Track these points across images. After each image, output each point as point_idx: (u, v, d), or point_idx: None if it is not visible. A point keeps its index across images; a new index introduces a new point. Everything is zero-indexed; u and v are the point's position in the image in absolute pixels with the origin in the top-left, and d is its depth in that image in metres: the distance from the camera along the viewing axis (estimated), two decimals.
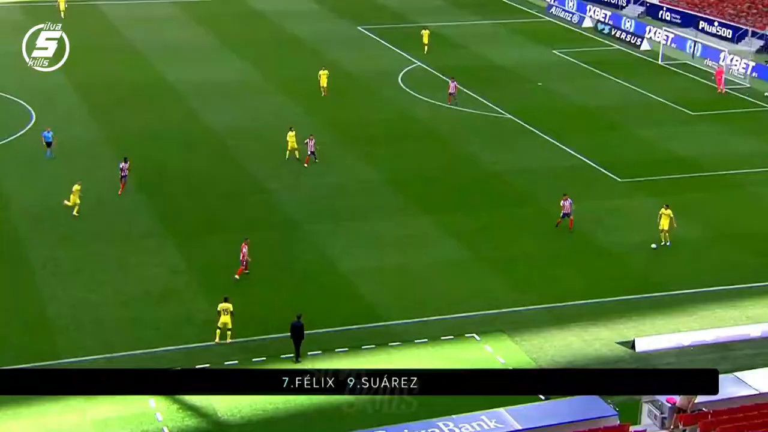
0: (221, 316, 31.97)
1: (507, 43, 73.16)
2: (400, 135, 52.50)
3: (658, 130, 54.56)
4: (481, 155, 49.93)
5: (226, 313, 31.94)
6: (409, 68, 65.00)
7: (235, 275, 35.72)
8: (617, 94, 61.45)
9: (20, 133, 50.56)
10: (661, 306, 35.64)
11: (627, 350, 32.66)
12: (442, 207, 43.52)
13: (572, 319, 34.44)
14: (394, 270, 37.72)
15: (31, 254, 37.99)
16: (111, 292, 35.38)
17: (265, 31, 74.83)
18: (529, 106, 57.66)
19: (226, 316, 31.93)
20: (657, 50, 70.42)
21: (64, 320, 33.42)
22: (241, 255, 36.07)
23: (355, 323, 33.62)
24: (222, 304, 32.14)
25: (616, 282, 37.35)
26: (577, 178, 47.36)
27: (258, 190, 44.61)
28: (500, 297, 35.86)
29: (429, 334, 33.19)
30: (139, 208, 42.55)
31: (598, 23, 78.58)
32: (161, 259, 37.93)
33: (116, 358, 31.28)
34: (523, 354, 32.20)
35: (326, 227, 41.10)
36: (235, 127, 52.99)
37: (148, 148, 49.72)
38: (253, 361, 31.27)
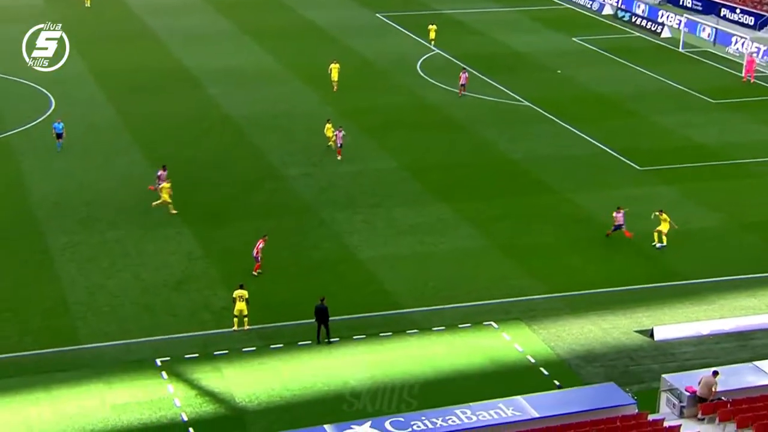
0: (237, 303, 32.05)
1: (526, 30, 72.78)
2: (417, 122, 52.37)
3: (678, 117, 54.19)
4: (499, 143, 49.75)
5: (242, 299, 32.02)
6: (428, 55, 64.78)
7: (253, 271, 35.58)
8: (637, 81, 61.04)
9: (39, 120, 50.77)
10: (680, 295, 35.45)
11: (645, 339, 32.52)
12: (459, 194, 43.42)
13: (590, 308, 34.32)
14: (412, 258, 37.68)
15: (50, 240, 38.18)
16: (129, 279, 35.52)
17: (283, 19, 74.76)
18: (547, 94, 57.38)
19: (242, 303, 32.01)
20: (678, 37, 69.89)
21: (83, 306, 33.59)
22: (255, 251, 35.56)
23: (373, 311, 33.62)
24: (237, 290, 32.22)
25: (634, 270, 37.16)
26: (596, 165, 47.13)
27: (276, 178, 44.63)
28: (518, 285, 35.76)
29: (446, 321, 33.15)
30: (157, 195, 42.56)
31: (618, 10, 78.04)
32: (179, 246, 38.04)
33: (134, 344, 31.43)
34: (540, 342, 32.12)
35: (344, 215, 41.10)
36: (254, 114, 53.02)
37: (166, 135, 49.86)
38: (271, 347, 31.34)
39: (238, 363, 30.53)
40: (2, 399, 28.50)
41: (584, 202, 42.76)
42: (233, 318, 32.26)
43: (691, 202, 43.25)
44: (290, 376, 29.94)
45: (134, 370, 29.99)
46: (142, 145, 48.10)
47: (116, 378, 29.54)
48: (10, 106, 52.98)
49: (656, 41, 71.04)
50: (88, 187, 43.19)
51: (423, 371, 30.40)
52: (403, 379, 29.87)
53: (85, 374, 29.73)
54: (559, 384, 29.37)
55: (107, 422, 27.64)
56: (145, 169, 45.12)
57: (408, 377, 30.00)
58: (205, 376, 29.82)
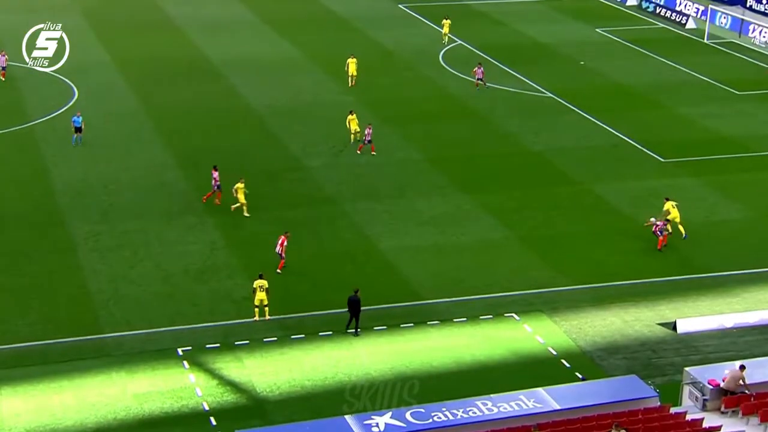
0: (257, 293, 32.15)
1: (549, 21, 72.42)
2: (439, 113, 52.27)
3: (703, 109, 53.81)
4: (522, 134, 49.58)
5: (262, 289, 32.11)
6: (451, 46, 64.60)
7: (277, 269, 35.39)
8: (661, 72, 60.65)
9: (63, 109, 51.06)
10: (703, 287, 35.25)
11: (668, 331, 32.37)
12: (481, 186, 43.33)
13: (612, 300, 34.20)
14: (433, 249, 37.66)
15: (72, 230, 38.43)
16: (151, 268, 35.70)
17: (305, 9, 74.73)
18: (570, 85, 57.12)
19: (262, 293, 32.11)
20: (703, 28, 69.34)
21: (105, 295, 33.80)
22: (279, 248, 35.15)
23: (394, 301, 33.65)
24: (257, 281, 32.32)
25: (657, 263, 36.98)
26: (619, 157, 46.90)
27: (297, 168, 44.70)
28: (539, 276, 35.67)
29: (468, 313, 33.12)
30: (179, 184, 42.84)
31: (643, 1, 77.49)
32: (200, 236, 38.19)
33: (156, 334, 31.60)
34: (562, 334, 32.04)
35: (365, 205, 41.11)
36: (275, 104, 53.08)
37: (188, 124, 50.03)
38: (292, 338, 31.44)
39: (259, 353, 30.65)
40: (26, 387, 28.76)
41: (607, 193, 42.57)
42: (254, 308, 32.37)
43: (715, 195, 42.97)
44: (311, 367, 30.02)
45: (156, 359, 30.16)
46: (163, 135, 48.29)
47: (138, 367, 29.73)
48: (33, 96, 53.31)
49: (681, 32, 70.51)
50: (110, 176, 43.41)
51: (444, 362, 30.40)
52: (423, 370, 29.89)
53: (107, 363, 29.94)
54: (582, 377, 29.30)
55: (129, 411, 27.83)
56: (166, 159, 45.32)
57: (429, 368, 30.02)
58: (227, 365, 29.95)
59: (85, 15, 69.90)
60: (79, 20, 67.73)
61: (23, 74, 55.59)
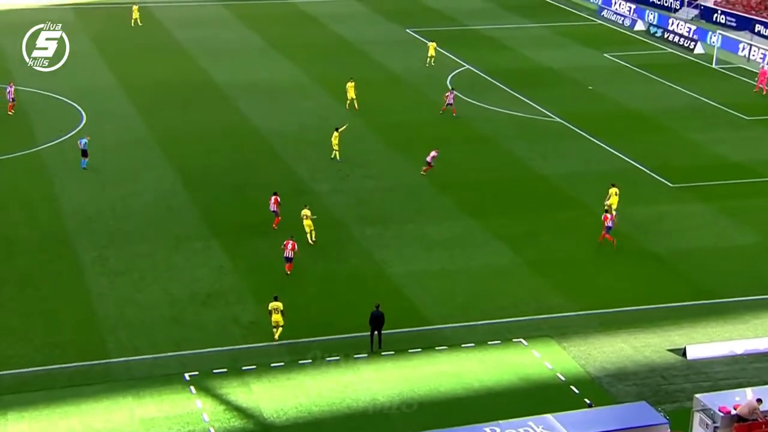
0: (272, 315, 32.30)
1: (556, 46, 72.78)
2: (447, 138, 52.43)
3: (711, 134, 53.93)
4: (530, 158, 49.71)
5: (277, 311, 32.28)
6: (458, 71, 64.93)
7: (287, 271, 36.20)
8: (669, 97, 60.83)
9: (71, 134, 51.35)
10: (713, 313, 35.21)
11: (678, 357, 32.31)
12: (489, 210, 43.42)
13: (621, 326, 34.17)
14: (441, 273, 37.71)
15: (80, 254, 38.57)
16: (158, 292, 35.80)
17: (312, 34, 75.23)
18: (578, 110, 57.32)
19: (277, 315, 32.28)
20: (711, 54, 69.58)
21: (112, 320, 33.88)
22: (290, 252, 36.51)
23: (402, 326, 33.64)
24: (272, 303, 32.51)
25: (665, 288, 36.96)
26: (627, 182, 46.91)
27: (306, 192, 44.83)
28: (547, 301, 35.68)
29: (476, 338, 33.12)
30: (187, 208, 43.01)
31: (651, 26, 77.86)
32: (208, 260, 38.31)
33: (163, 359, 31.64)
34: (571, 360, 32.01)
35: (373, 230, 41.21)
36: (283, 128, 53.33)
37: (195, 149, 50.27)
38: (300, 363, 31.45)
39: (267, 378, 30.67)
40: (32, 412, 28.78)
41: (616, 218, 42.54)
42: (272, 329, 32.51)
43: (724, 220, 43.00)
44: (318, 392, 30.02)
45: (163, 384, 30.19)
46: (171, 159, 48.53)
47: (145, 392, 29.75)
48: (42, 120, 53.64)
49: (689, 57, 70.78)
50: (118, 200, 43.62)
51: (452, 388, 30.38)
52: (431, 396, 29.86)
53: (113, 388, 29.97)
54: (590, 402, 29.25)
55: None
56: (174, 183, 45.53)
57: (437, 394, 30.00)
58: (234, 391, 29.97)
59: (93, 39, 70.44)
60: (87, 44, 68.26)
61: (32, 99, 56.02)
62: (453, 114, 55.40)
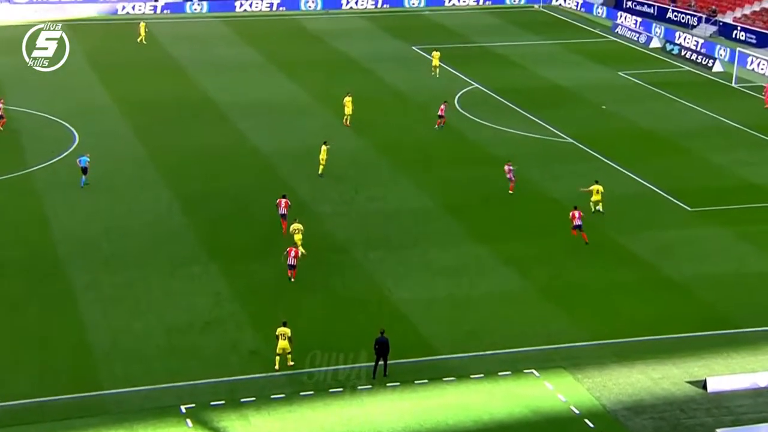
0: (279, 341, 32.25)
1: (569, 64, 73.01)
2: (455, 159, 52.53)
3: (731, 155, 53.91)
4: (541, 181, 49.71)
5: (284, 337, 32.24)
6: (467, 90, 65.11)
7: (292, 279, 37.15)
8: (687, 117, 60.91)
9: (63, 155, 51.49)
10: (735, 343, 35.05)
11: (698, 390, 32.13)
12: (498, 234, 43.38)
13: (637, 356, 34.01)
14: (448, 300, 37.63)
15: (72, 279, 38.56)
16: (154, 320, 35.73)
17: (314, 50, 75.57)
18: (592, 130, 57.40)
19: (284, 341, 32.21)
20: (730, 71, 69.71)
21: (106, 349, 33.80)
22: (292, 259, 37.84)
23: (407, 356, 33.51)
24: (280, 328, 32.46)
25: (684, 317, 36.82)
26: (643, 206, 46.94)
27: (307, 215, 44.78)
28: (560, 330, 35.55)
29: (485, 368, 32.99)
30: (184, 232, 43.03)
31: (667, 43, 78.07)
32: (206, 286, 38.26)
33: (158, 390, 31.53)
34: (585, 392, 31.86)
35: (377, 255, 41.16)
36: (283, 148, 53.45)
37: (193, 169, 50.36)
38: (301, 394, 31.33)
39: (267, 411, 30.54)
40: None
41: (631, 243, 42.54)
42: (275, 356, 32.40)
43: (746, 246, 42.89)
44: (321, 426, 29.89)
45: (158, 417, 30.05)
46: (167, 181, 48.62)
47: (139, 425, 29.61)
48: (33, 141, 53.80)
49: (707, 75, 70.93)
50: (112, 224, 43.65)
51: (460, 421, 30.24)
52: (439, 429, 29.72)
53: (107, 421, 29.84)
54: None
55: None
56: (170, 205, 45.56)
57: (445, 428, 29.86)
58: (232, 424, 29.84)
59: (86, 55, 70.76)
60: (80, 61, 68.52)
61: (23, 119, 56.21)
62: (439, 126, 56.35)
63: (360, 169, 50.38)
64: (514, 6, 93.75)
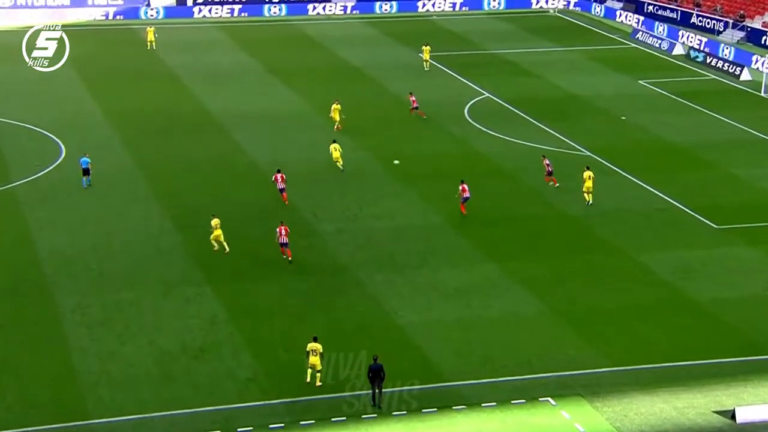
0: (309, 357, 32.70)
1: (585, 72, 73.22)
2: (465, 172, 52.51)
3: (761, 170, 53.98)
4: (556, 196, 49.80)
5: (315, 353, 32.63)
6: (477, 99, 65.31)
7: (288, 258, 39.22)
8: (713, 129, 61.01)
9: (48, 169, 51.71)
10: (765, 371, 35.01)
11: (726, 420, 32.09)
12: (510, 253, 43.45)
13: (660, 384, 33.99)
14: (458, 324, 37.66)
15: (58, 301, 38.66)
16: (144, 345, 35.80)
17: (315, 58, 75.95)
18: (610, 143, 57.52)
19: (315, 357, 32.58)
20: (759, 80, 69.84)
21: (94, 376, 33.85)
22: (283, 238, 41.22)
23: (414, 383, 33.52)
24: (311, 344, 32.93)
25: (710, 342, 36.82)
26: (666, 223, 46.97)
27: (308, 233, 44.94)
28: (577, 356, 35.56)
29: (498, 396, 32.99)
30: (177, 250, 43.16)
31: (691, 50, 78.27)
32: (200, 308, 38.35)
33: (149, 419, 31.57)
34: (605, 422, 31.84)
35: (383, 275, 41.24)
36: (283, 162, 53.51)
37: (187, 184, 50.54)
38: (301, 424, 31.35)
39: None
40: None
41: (653, 263, 42.57)
42: (307, 369, 32.84)
43: None
44: None
45: None
46: (160, 196, 48.80)
47: None
48: (17, 154, 54.08)
49: (734, 84, 71.09)
50: (100, 241, 43.80)
51: None
52: None
53: None
54: None
55: None
56: (163, 222, 45.72)
57: None
58: None
59: (74, 63, 70.91)
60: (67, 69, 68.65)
61: (6, 131, 56.46)
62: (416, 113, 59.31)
63: (364, 183, 50.52)
64: (528, 11, 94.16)
